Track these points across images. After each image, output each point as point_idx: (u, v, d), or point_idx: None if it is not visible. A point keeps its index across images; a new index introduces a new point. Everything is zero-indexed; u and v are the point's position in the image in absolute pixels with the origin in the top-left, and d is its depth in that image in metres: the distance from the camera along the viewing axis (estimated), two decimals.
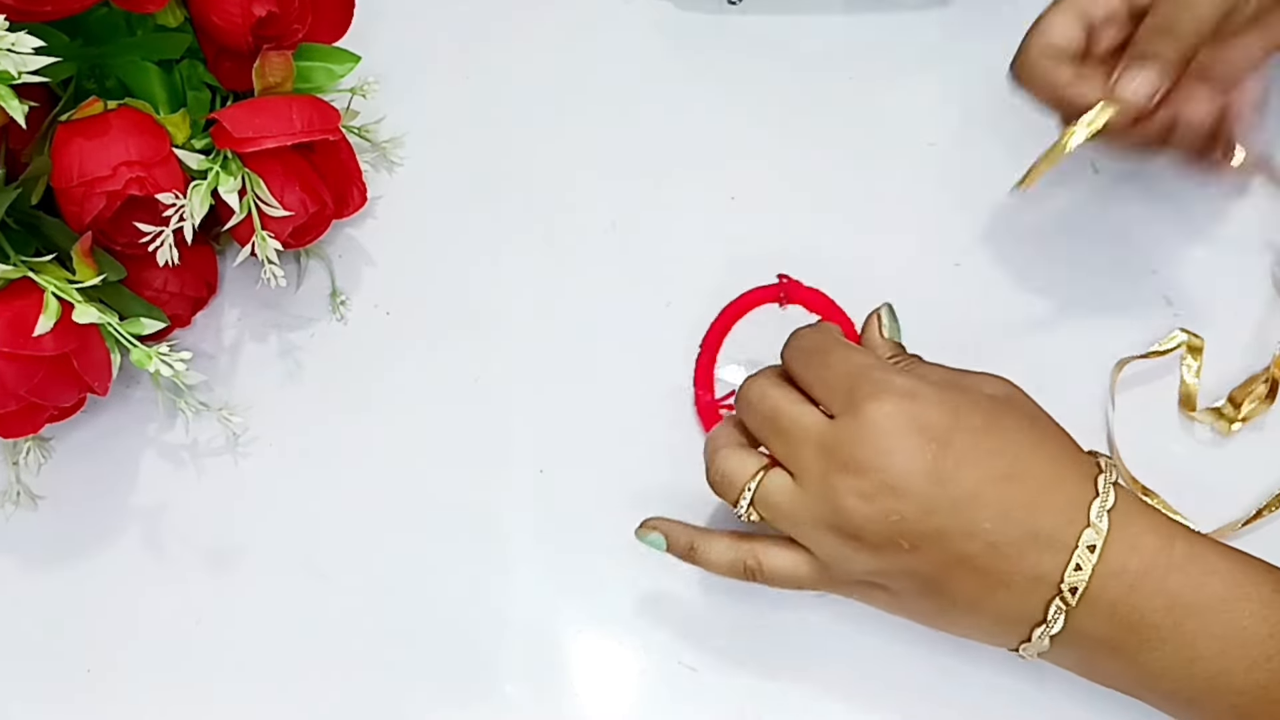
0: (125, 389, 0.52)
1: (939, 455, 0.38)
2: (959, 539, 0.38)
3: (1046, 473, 0.39)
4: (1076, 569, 0.37)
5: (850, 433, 0.39)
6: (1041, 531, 0.38)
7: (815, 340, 0.43)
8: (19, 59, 0.40)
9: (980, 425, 0.39)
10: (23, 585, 0.49)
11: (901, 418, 0.38)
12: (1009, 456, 0.38)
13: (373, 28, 0.56)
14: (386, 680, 0.47)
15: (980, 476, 0.38)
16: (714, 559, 0.43)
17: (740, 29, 0.61)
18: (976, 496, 0.38)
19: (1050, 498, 0.38)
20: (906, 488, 0.38)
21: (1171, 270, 0.53)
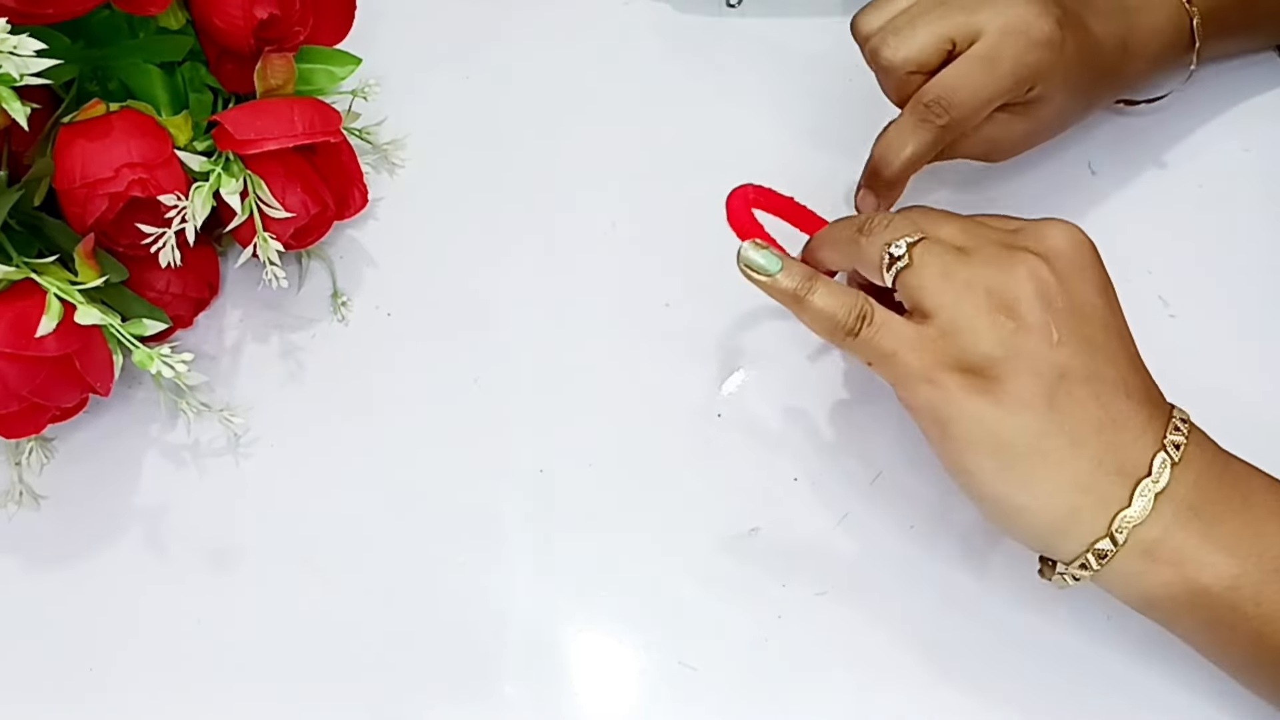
0: (127, 390, 0.53)
1: (1110, 304, 0.41)
2: (1102, 362, 0.39)
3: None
4: (1176, 430, 0.39)
5: (1025, 271, 0.40)
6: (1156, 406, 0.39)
7: (960, 221, 0.43)
8: (21, 61, 0.40)
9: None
10: (25, 585, 0.49)
11: (1076, 248, 0.42)
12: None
13: (374, 30, 0.56)
14: (387, 680, 0.47)
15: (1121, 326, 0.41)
16: (822, 303, 0.41)
17: (739, 31, 0.61)
18: (1120, 343, 0.40)
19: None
20: (1078, 296, 0.40)
21: (1165, 270, 0.53)
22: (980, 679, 0.46)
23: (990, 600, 0.47)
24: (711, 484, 0.50)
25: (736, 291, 0.54)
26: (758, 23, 0.61)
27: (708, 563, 0.49)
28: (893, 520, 0.49)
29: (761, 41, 0.61)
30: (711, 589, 0.48)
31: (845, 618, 0.47)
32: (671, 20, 0.61)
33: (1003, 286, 0.39)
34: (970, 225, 0.42)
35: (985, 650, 0.46)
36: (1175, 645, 0.42)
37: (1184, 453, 0.38)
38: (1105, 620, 0.46)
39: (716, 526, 0.49)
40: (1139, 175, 0.55)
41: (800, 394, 0.52)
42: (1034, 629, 0.46)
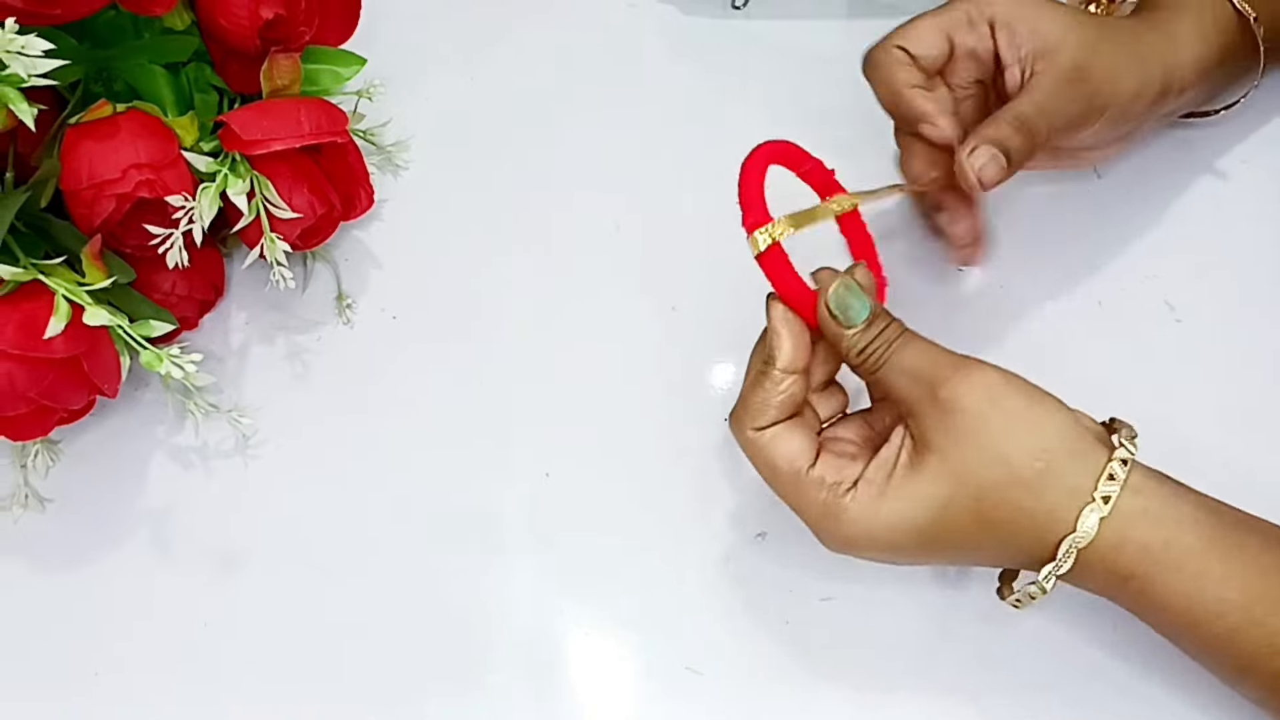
0: (134, 391, 0.53)
1: (894, 561, 0.42)
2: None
3: (998, 546, 0.40)
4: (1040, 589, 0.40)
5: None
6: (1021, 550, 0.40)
7: (752, 461, 0.43)
8: (28, 62, 0.40)
9: (919, 546, 0.40)
10: (31, 587, 0.49)
11: (847, 552, 0.41)
12: (953, 555, 0.42)
13: (378, 30, 0.56)
14: (390, 681, 0.47)
15: (941, 563, 0.44)
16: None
17: (744, 33, 0.61)
18: (945, 562, 0.44)
19: (1023, 542, 0.40)
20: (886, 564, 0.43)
21: (1171, 276, 0.53)
22: (986, 686, 0.46)
23: (996, 608, 0.47)
24: (718, 488, 0.50)
25: (742, 294, 0.54)
26: (763, 24, 0.61)
27: (714, 567, 0.49)
28: None
29: (766, 43, 0.60)
30: (717, 594, 0.48)
31: (851, 624, 0.47)
32: (676, 22, 0.61)
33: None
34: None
35: (991, 658, 0.46)
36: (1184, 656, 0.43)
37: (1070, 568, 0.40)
38: (1111, 630, 0.46)
39: (723, 531, 0.49)
40: (1143, 179, 0.55)
41: None
42: (1041, 636, 0.46)
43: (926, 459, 0.40)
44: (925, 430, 0.40)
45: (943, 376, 0.40)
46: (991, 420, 0.39)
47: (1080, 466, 0.39)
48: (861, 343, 0.41)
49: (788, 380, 0.41)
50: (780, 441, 0.41)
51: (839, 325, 0.41)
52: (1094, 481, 0.39)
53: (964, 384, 0.39)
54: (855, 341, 0.41)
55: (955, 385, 0.39)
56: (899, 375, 0.41)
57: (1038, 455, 0.39)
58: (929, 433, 0.40)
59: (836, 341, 0.42)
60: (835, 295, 0.41)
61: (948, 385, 0.39)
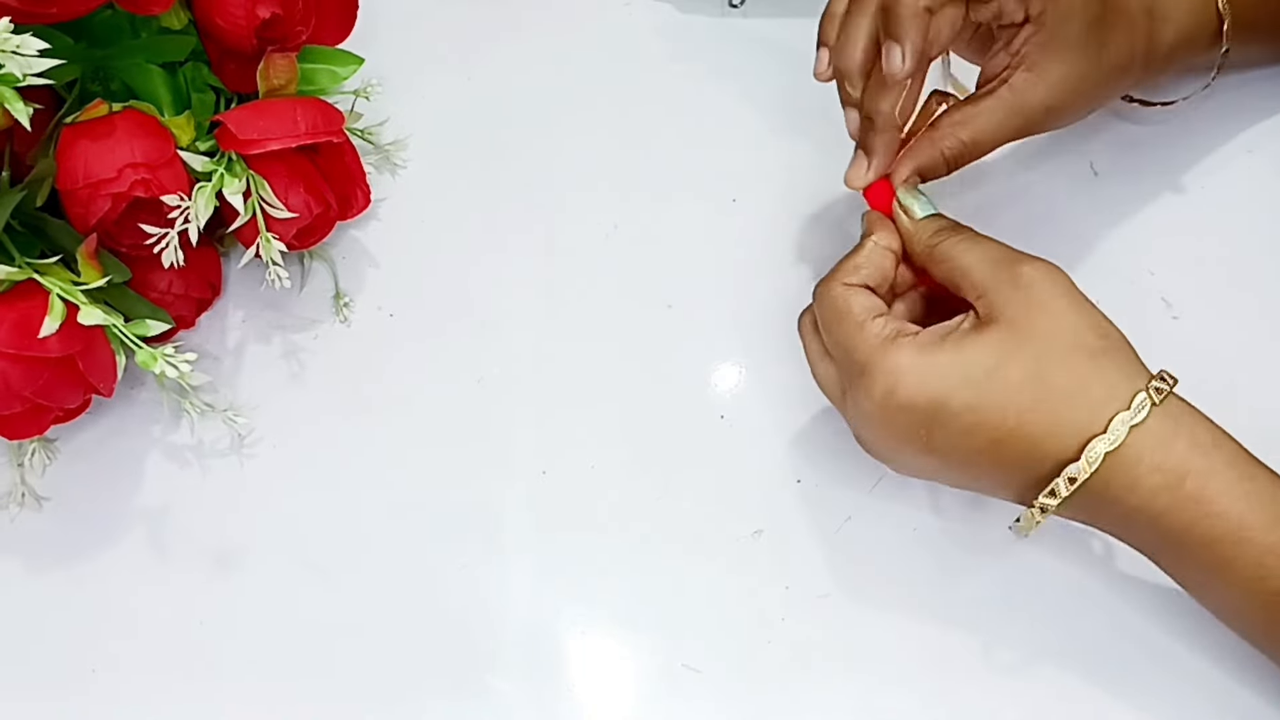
0: (130, 390, 0.53)
1: (927, 438, 0.41)
2: (955, 475, 0.43)
3: (1046, 419, 0.40)
4: (1070, 480, 0.40)
5: (852, 410, 0.44)
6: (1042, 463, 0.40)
7: (824, 313, 0.44)
8: (24, 61, 0.40)
9: (964, 403, 0.40)
10: (27, 586, 0.49)
11: (887, 407, 0.41)
12: (995, 423, 0.40)
13: (375, 30, 0.56)
14: (388, 681, 0.47)
15: (971, 449, 0.41)
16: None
17: (742, 32, 0.61)
18: (968, 460, 0.41)
19: (1074, 415, 0.40)
20: (902, 459, 0.44)
21: (1168, 271, 0.53)
22: (983, 681, 0.46)
23: (992, 603, 0.47)
24: (715, 486, 0.50)
25: (740, 293, 0.54)
26: (760, 23, 0.61)
27: (711, 565, 0.49)
28: (895, 523, 0.49)
29: (764, 42, 0.60)
30: (715, 591, 0.48)
31: (848, 620, 0.47)
32: (674, 21, 0.61)
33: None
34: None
35: (988, 652, 0.46)
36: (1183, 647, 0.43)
37: (1076, 489, 0.40)
38: (1109, 623, 0.46)
39: (720, 529, 0.49)
40: (1141, 176, 0.55)
41: (803, 397, 0.51)
42: (1036, 631, 0.46)
43: (991, 326, 0.41)
44: (997, 304, 0.41)
45: (1022, 259, 0.42)
46: (1063, 298, 0.41)
47: (1136, 364, 0.41)
48: (932, 228, 0.44)
49: (879, 252, 0.44)
50: (859, 295, 0.43)
51: (910, 219, 0.45)
52: (1146, 378, 0.40)
53: (1044, 267, 0.41)
54: (925, 229, 0.44)
55: (1036, 265, 0.41)
56: (975, 257, 0.42)
57: (1102, 335, 0.40)
58: (1001, 306, 0.41)
59: (909, 237, 0.45)
60: (902, 194, 0.46)
61: (1029, 264, 0.41)
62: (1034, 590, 0.47)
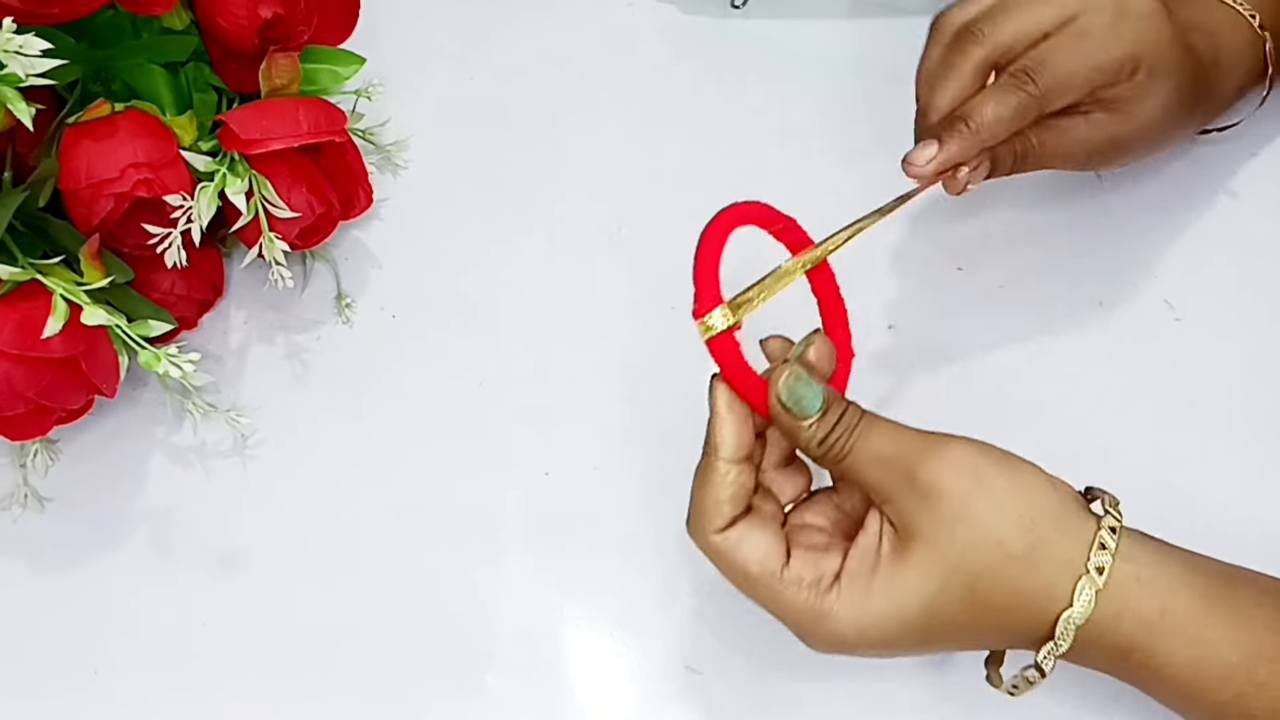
0: (133, 391, 0.53)
1: (890, 656, 0.40)
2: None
3: (996, 629, 0.39)
4: (1029, 681, 0.39)
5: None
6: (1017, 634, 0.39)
7: (726, 573, 0.40)
8: (26, 62, 0.40)
9: (913, 643, 0.39)
10: (30, 587, 0.49)
11: (843, 652, 0.39)
12: (949, 645, 0.40)
13: (377, 30, 0.56)
14: (391, 681, 0.47)
15: (938, 650, 0.40)
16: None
17: (744, 32, 0.61)
18: (953, 649, 0.40)
19: (1020, 622, 0.38)
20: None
21: (1171, 273, 0.53)
22: (982, 679, 0.46)
23: None
24: None
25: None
26: (763, 24, 0.61)
27: (713, 567, 0.48)
28: None
29: (767, 43, 0.60)
30: (716, 592, 0.48)
31: None
32: (676, 21, 0.61)
33: None
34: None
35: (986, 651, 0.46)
36: None
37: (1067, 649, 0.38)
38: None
39: None
40: (1144, 179, 0.55)
41: None
42: None
43: (912, 548, 0.38)
44: (906, 517, 0.38)
45: (917, 459, 0.38)
46: (976, 499, 0.37)
47: (1069, 537, 0.37)
48: (820, 433, 0.39)
49: (734, 471, 0.39)
50: (746, 544, 0.39)
51: (793, 418, 0.39)
52: (1085, 551, 0.37)
53: (941, 464, 0.38)
54: (813, 433, 0.39)
55: (932, 467, 0.38)
56: (868, 463, 0.39)
57: (1027, 528, 0.37)
58: (911, 519, 0.38)
59: (793, 435, 0.40)
60: (785, 387, 0.39)
61: (924, 467, 0.38)
62: None
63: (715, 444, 0.40)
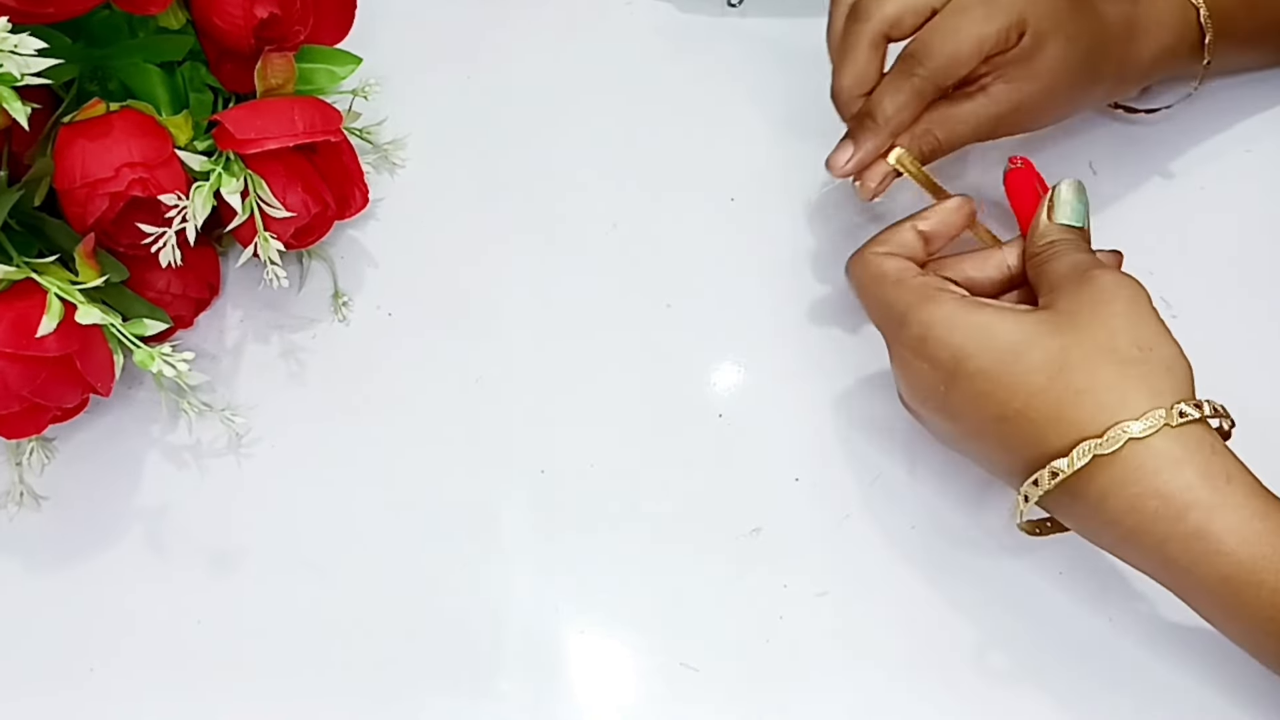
0: (128, 390, 0.53)
1: (945, 396, 0.41)
2: (969, 445, 0.43)
3: (1051, 410, 0.39)
4: (1054, 474, 0.39)
5: (894, 363, 0.44)
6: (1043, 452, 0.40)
7: (859, 279, 0.45)
8: (21, 61, 0.40)
9: (980, 368, 0.40)
10: (26, 585, 0.49)
11: (917, 355, 0.42)
12: (1004, 398, 0.40)
13: (374, 29, 0.56)
14: (387, 680, 0.47)
15: (978, 418, 0.41)
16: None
17: (741, 31, 0.61)
18: (976, 431, 0.41)
19: (1080, 415, 0.39)
20: (925, 417, 0.44)
21: (1167, 271, 0.53)
22: (982, 678, 0.46)
23: (991, 601, 0.47)
24: (713, 484, 0.50)
25: (738, 292, 0.54)
26: (759, 22, 0.61)
27: (709, 563, 0.49)
28: (893, 521, 0.49)
29: (763, 41, 0.60)
30: (713, 589, 0.48)
31: (846, 618, 0.47)
32: (673, 20, 0.61)
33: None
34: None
35: (986, 651, 0.46)
36: (1183, 648, 0.42)
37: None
38: (1107, 622, 0.46)
39: (718, 527, 0.49)
40: (1141, 176, 0.55)
41: (801, 394, 0.51)
42: (1034, 629, 0.46)
43: (1040, 312, 0.41)
44: (1057, 296, 0.41)
45: (1099, 263, 0.42)
46: (1120, 300, 0.40)
47: (1173, 386, 0.39)
48: (1055, 234, 0.43)
49: (912, 234, 0.45)
50: (890, 260, 0.44)
51: (1050, 215, 0.44)
52: (1172, 399, 0.38)
53: (1113, 272, 0.41)
54: (1048, 231, 0.43)
55: (1108, 271, 0.41)
56: (1065, 264, 0.42)
57: (1142, 347, 0.39)
58: (1059, 297, 0.41)
59: (1034, 228, 0.44)
60: (1069, 187, 0.44)
61: (1101, 267, 0.41)
62: (1032, 588, 0.47)
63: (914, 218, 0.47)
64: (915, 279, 0.43)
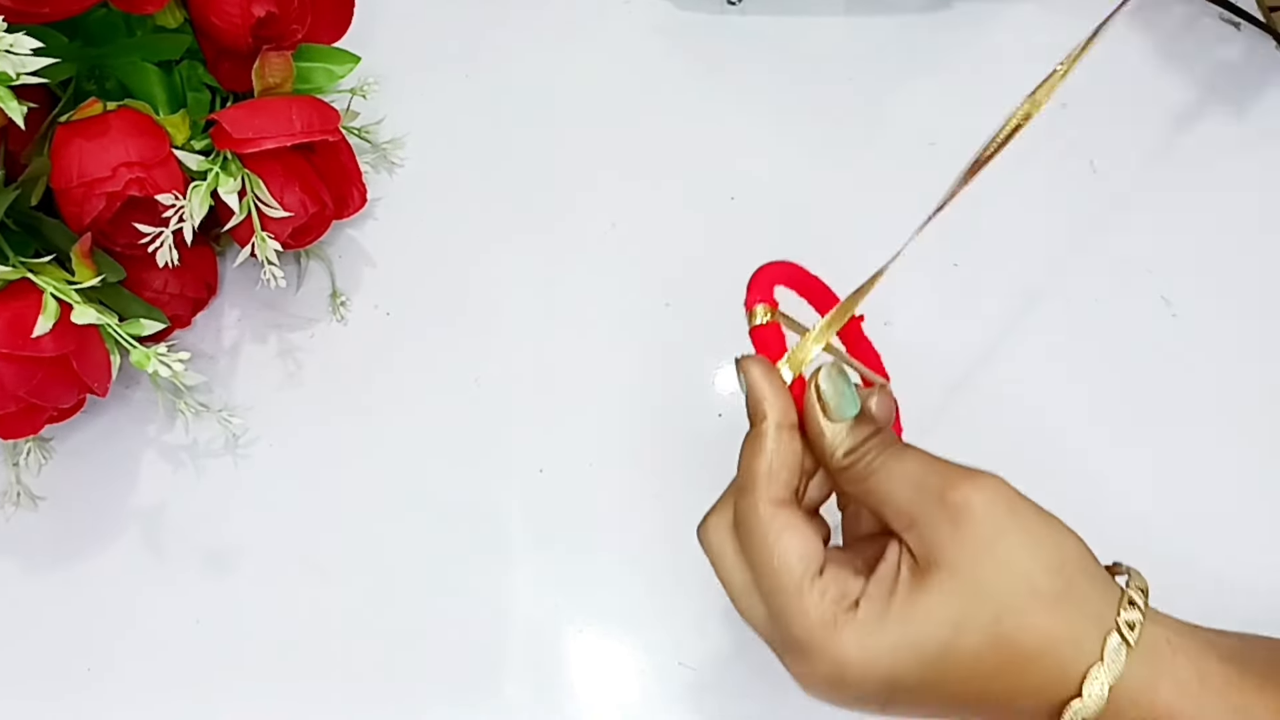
0: (125, 390, 0.53)
1: (882, 709, 0.36)
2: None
3: (1011, 684, 0.35)
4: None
5: (791, 668, 0.37)
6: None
7: (754, 555, 0.37)
8: (18, 60, 0.40)
9: (920, 681, 0.35)
10: (23, 585, 0.49)
11: (833, 689, 0.36)
12: (957, 693, 0.35)
13: (372, 28, 0.56)
14: (386, 680, 0.47)
15: (935, 713, 0.36)
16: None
17: (740, 30, 0.61)
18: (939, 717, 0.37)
19: (1043, 678, 0.35)
20: (861, 713, 0.37)
21: (1167, 270, 0.53)
22: None
23: None
24: (712, 484, 0.50)
25: (737, 291, 0.54)
26: (758, 21, 0.61)
27: (706, 562, 0.48)
28: None
29: (762, 40, 0.60)
30: (710, 589, 0.48)
31: None
32: (672, 18, 0.61)
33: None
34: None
35: None
36: None
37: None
38: None
39: None
40: (1140, 174, 0.55)
41: None
42: None
43: (933, 575, 0.34)
44: (931, 542, 0.35)
45: (949, 482, 0.35)
46: (1009, 530, 0.34)
47: (1098, 590, 0.35)
48: (852, 441, 0.36)
49: (785, 435, 0.37)
50: (799, 534, 0.36)
51: (828, 418, 0.37)
52: (1115, 608, 0.34)
53: (975, 489, 0.35)
54: (844, 440, 0.36)
55: (965, 490, 0.35)
56: (897, 481, 0.36)
57: (1057, 571, 0.34)
58: (936, 544, 0.35)
59: (820, 440, 0.37)
60: (829, 379, 0.37)
61: (957, 490, 0.35)
62: None
63: (760, 411, 0.37)
64: (814, 594, 0.35)
